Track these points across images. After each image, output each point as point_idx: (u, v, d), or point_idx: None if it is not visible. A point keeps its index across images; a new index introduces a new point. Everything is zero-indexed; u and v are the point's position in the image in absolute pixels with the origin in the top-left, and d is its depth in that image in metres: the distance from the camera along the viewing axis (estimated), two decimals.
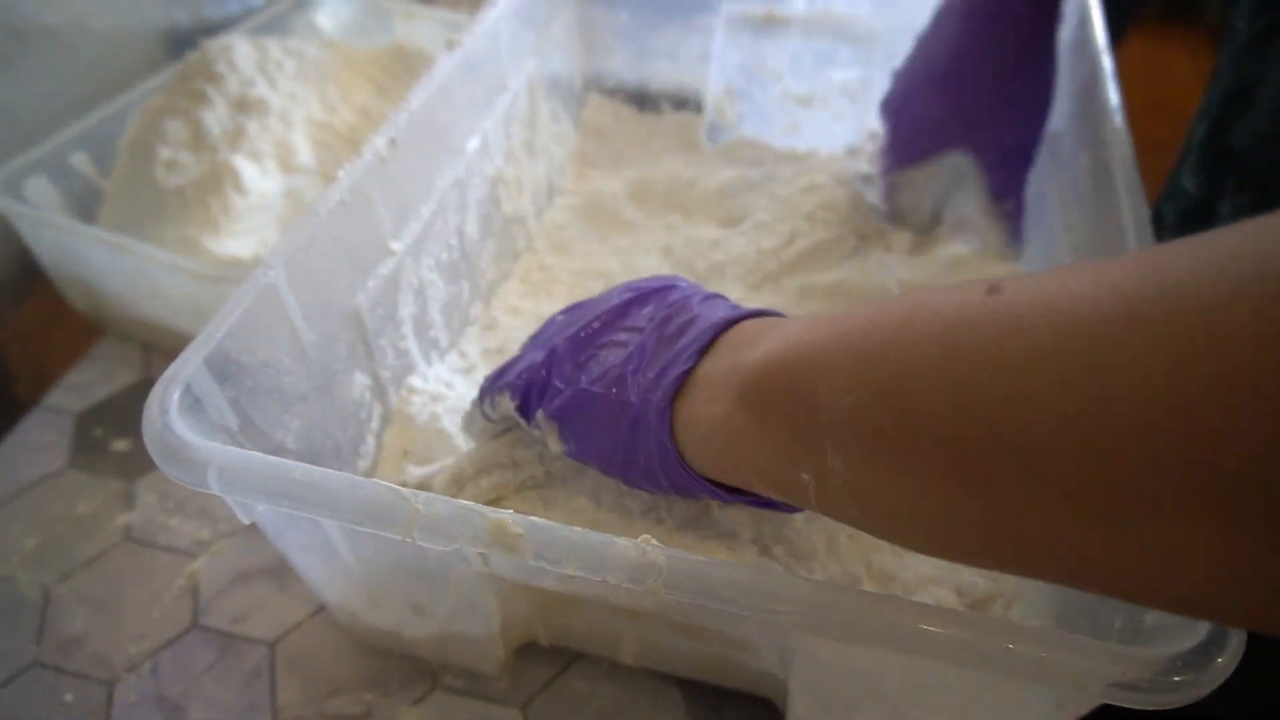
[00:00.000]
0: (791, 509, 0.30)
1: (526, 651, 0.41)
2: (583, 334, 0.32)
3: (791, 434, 0.24)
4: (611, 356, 0.31)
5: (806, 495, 0.24)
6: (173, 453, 0.28)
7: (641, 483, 0.31)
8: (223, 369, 0.31)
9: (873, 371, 0.21)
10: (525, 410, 0.33)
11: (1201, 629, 0.25)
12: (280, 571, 0.45)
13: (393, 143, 0.40)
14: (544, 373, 0.32)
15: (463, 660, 0.40)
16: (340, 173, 0.38)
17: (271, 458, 0.28)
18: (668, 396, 0.28)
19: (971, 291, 0.20)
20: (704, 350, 0.28)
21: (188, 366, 0.30)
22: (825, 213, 0.52)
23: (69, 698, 0.41)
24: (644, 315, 0.31)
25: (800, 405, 0.23)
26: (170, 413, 0.29)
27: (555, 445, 0.33)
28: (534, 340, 0.37)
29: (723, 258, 0.53)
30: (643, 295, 0.32)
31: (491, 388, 0.36)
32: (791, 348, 0.24)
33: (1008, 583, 0.38)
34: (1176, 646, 0.24)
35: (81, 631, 0.43)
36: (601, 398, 0.30)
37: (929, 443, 0.20)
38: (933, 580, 0.38)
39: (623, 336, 0.31)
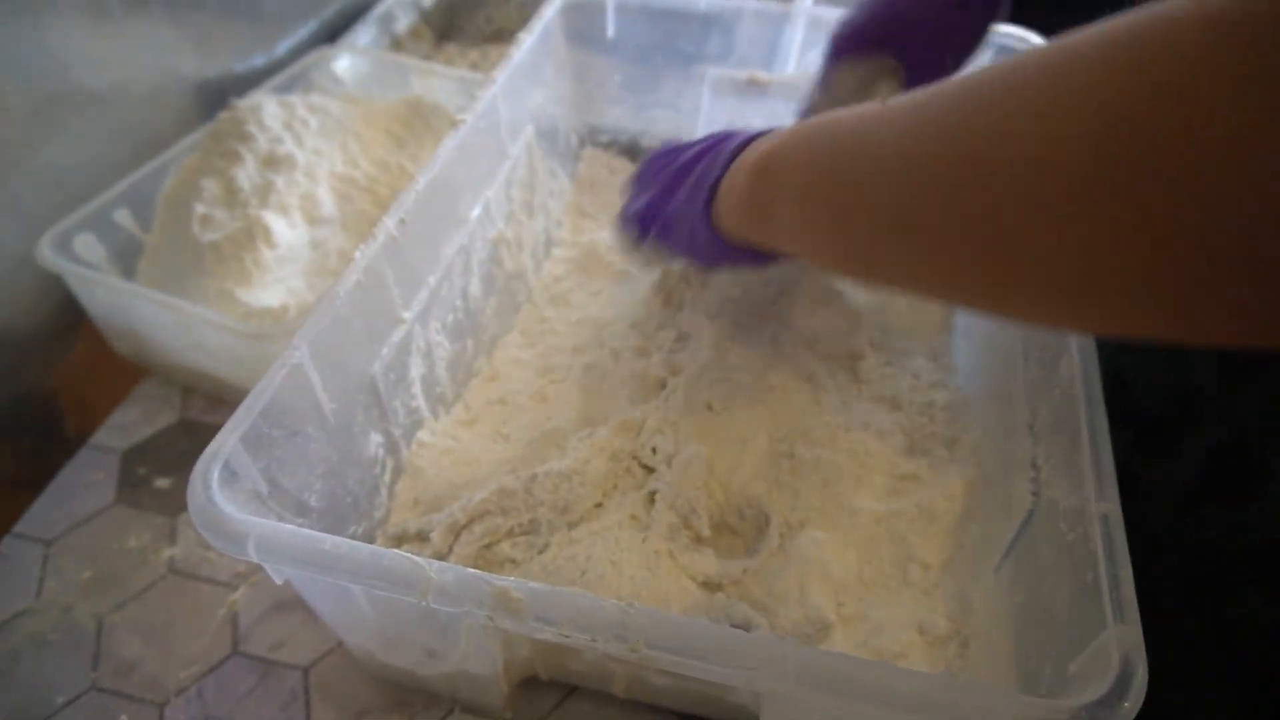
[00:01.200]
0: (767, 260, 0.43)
1: (536, 675, 0.45)
2: (662, 190, 0.46)
3: (764, 198, 0.37)
4: (680, 194, 0.45)
5: (770, 239, 0.38)
6: (216, 525, 0.32)
7: (700, 259, 0.45)
8: (256, 444, 0.36)
9: (812, 167, 0.34)
10: (642, 238, 0.48)
11: (1109, 678, 0.28)
12: None
13: (403, 223, 0.44)
14: (647, 215, 0.47)
15: (470, 696, 0.44)
16: (356, 254, 0.42)
17: (303, 530, 0.32)
18: (707, 195, 0.41)
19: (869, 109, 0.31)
20: (728, 165, 0.40)
21: (226, 445, 0.34)
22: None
23: (124, 718, 0.45)
24: (692, 163, 0.45)
25: (767, 184, 0.36)
26: (212, 488, 0.33)
27: (658, 252, 0.48)
28: (638, 181, 0.50)
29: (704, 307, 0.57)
30: (690, 155, 0.45)
31: (631, 229, 0.49)
32: (774, 147, 0.37)
33: (968, 626, 0.42)
34: (1087, 696, 0.28)
35: (135, 657, 0.47)
36: (676, 215, 0.45)
37: (824, 201, 0.33)
38: (898, 622, 0.42)
39: (681, 185, 0.45)
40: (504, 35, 0.92)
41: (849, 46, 0.52)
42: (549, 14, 0.62)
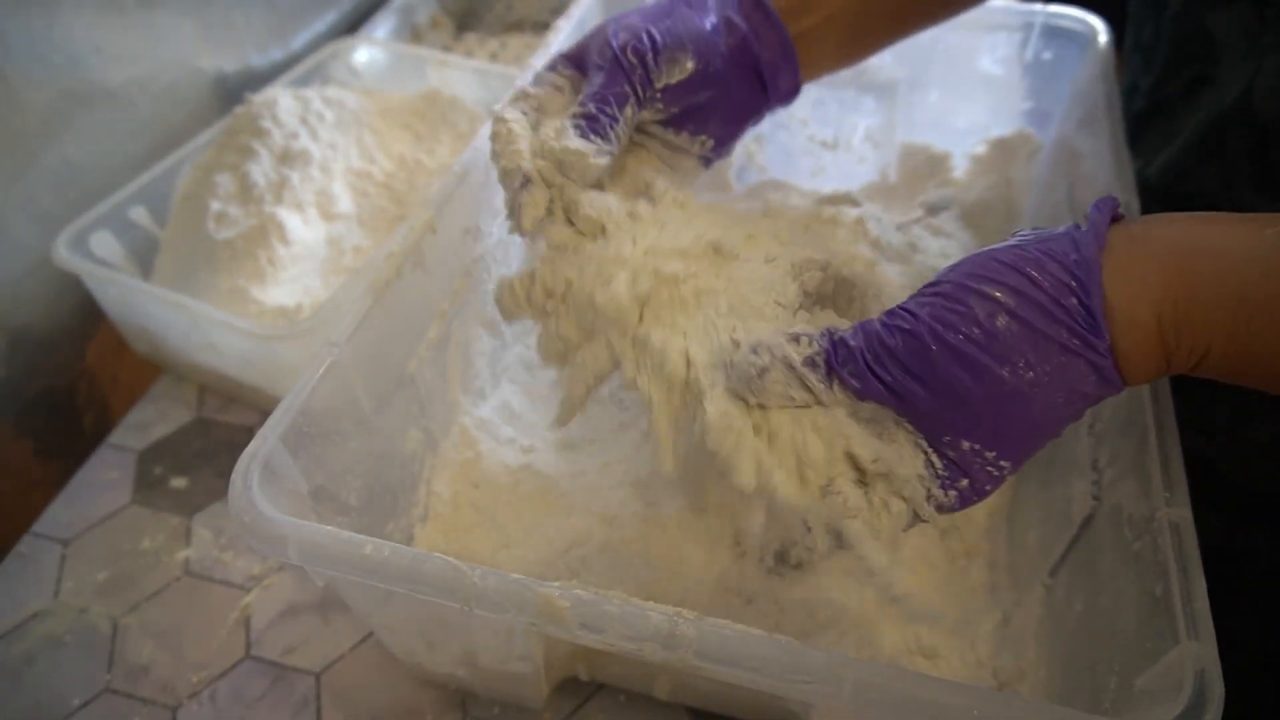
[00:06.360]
0: None
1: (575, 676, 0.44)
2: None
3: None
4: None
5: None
6: (256, 527, 0.31)
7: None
8: (296, 443, 0.35)
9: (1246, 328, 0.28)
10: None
11: (1184, 697, 0.27)
12: (325, 606, 0.49)
13: (441, 213, 0.43)
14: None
15: (511, 697, 0.43)
16: (395, 247, 0.41)
17: (343, 533, 0.31)
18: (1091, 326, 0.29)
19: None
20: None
21: (266, 444, 0.33)
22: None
23: None
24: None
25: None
26: (253, 488, 0.32)
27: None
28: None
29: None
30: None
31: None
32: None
33: (1020, 631, 0.41)
34: (1159, 715, 0.27)
35: (148, 660, 0.47)
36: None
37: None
38: (946, 624, 0.41)
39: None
40: (524, 25, 0.90)
41: None
42: (585, 1, 0.60)
